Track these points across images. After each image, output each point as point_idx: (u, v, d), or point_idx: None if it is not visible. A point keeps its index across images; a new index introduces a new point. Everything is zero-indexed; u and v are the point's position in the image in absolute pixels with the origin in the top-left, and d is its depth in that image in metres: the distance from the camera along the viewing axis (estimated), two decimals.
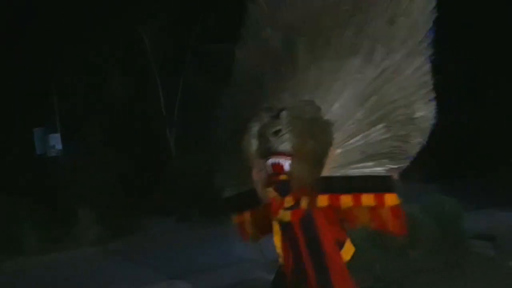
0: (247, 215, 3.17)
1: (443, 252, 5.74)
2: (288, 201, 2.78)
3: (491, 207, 7.76)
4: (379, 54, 2.90)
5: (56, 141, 13.06)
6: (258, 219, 3.08)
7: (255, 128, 2.77)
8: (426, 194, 6.64)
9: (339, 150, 2.85)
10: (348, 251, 2.93)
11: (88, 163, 10.44)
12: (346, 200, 2.83)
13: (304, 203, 2.80)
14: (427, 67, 2.92)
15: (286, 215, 2.81)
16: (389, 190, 2.86)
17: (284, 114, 2.70)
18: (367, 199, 2.82)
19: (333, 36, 2.95)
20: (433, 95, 2.91)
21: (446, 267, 5.54)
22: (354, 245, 2.97)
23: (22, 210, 8.86)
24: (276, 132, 2.68)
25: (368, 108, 2.88)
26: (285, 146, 2.68)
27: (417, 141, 2.90)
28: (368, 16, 2.94)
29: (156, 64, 12.74)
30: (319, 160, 2.76)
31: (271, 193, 2.79)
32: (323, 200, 2.82)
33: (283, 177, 2.73)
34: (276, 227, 2.85)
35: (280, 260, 2.93)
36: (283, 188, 2.76)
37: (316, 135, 2.72)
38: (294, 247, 2.85)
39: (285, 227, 2.85)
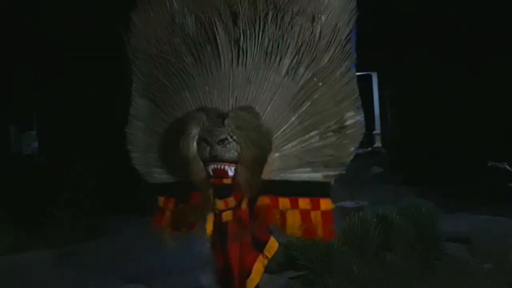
0: (171, 204, 3.26)
1: (419, 254, 5.78)
2: (231, 202, 2.93)
3: (466, 210, 7.83)
4: (307, 56, 2.98)
5: (31, 139, 12.89)
6: (182, 212, 3.16)
7: (194, 131, 2.88)
8: (403, 197, 6.69)
9: (276, 154, 3.00)
10: (271, 247, 3.07)
11: (63, 162, 10.28)
12: (284, 202, 2.99)
13: (244, 204, 2.94)
14: (352, 72, 3.02)
15: (228, 215, 2.94)
16: (324, 195, 3.02)
17: (228, 123, 2.83)
18: (303, 203, 2.99)
19: (256, 28, 3.00)
20: (360, 102, 3.02)
21: (421, 270, 5.57)
22: (332, 248, 3.04)
23: None
24: (221, 141, 2.82)
25: (302, 113, 2.99)
26: (231, 154, 2.84)
27: (349, 151, 3.04)
28: (288, 11, 2.99)
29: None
30: (260, 165, 2.91)
31: (211, 194, 2.95)
32: (262, 201, 2.98)
33: (226, 181, 2.90)
34: (209, 225, 3.00)
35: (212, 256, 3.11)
36: (225, 191, 2.93)
37: (258, 143, 2.86)
38: (223, 245, 3.02)
39: (219, 226, 3.00)
